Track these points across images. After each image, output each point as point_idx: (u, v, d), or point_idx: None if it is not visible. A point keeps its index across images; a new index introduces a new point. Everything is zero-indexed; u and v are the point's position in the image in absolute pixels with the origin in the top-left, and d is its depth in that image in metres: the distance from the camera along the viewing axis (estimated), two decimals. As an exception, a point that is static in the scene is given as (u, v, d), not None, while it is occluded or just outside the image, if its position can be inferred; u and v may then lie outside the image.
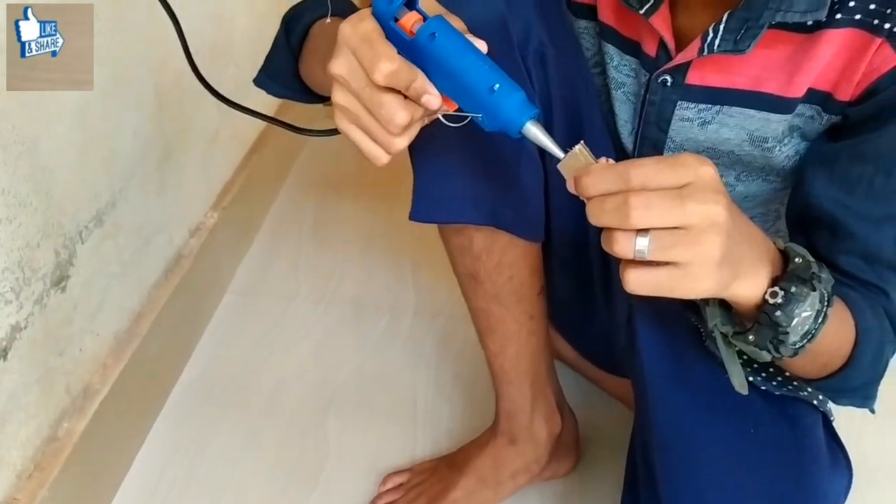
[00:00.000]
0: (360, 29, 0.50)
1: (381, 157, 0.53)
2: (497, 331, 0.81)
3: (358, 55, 0.50)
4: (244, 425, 0.97)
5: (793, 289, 0.52)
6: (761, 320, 0.54)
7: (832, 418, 0.75)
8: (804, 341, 0.55)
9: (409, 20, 0.50)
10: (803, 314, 0.53)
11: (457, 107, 0.51)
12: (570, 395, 0.93)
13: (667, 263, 0.47)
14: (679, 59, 0.65)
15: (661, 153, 0.70)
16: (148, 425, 0.95)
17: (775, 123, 0.65)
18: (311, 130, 0.64)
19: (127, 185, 0.89)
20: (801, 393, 0.73)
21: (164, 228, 0.99)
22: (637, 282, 0.49)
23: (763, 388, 0.73)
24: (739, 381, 0.60)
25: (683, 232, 0.46)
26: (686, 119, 0.68)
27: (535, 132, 0.49)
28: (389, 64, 0.49)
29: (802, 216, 0.67)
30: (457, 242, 0.76)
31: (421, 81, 0.49)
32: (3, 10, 0.52)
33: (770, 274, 0.53)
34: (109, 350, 0.88)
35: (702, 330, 0.77)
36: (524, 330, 0.81)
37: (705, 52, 0.63)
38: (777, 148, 0.66)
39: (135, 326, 0.92)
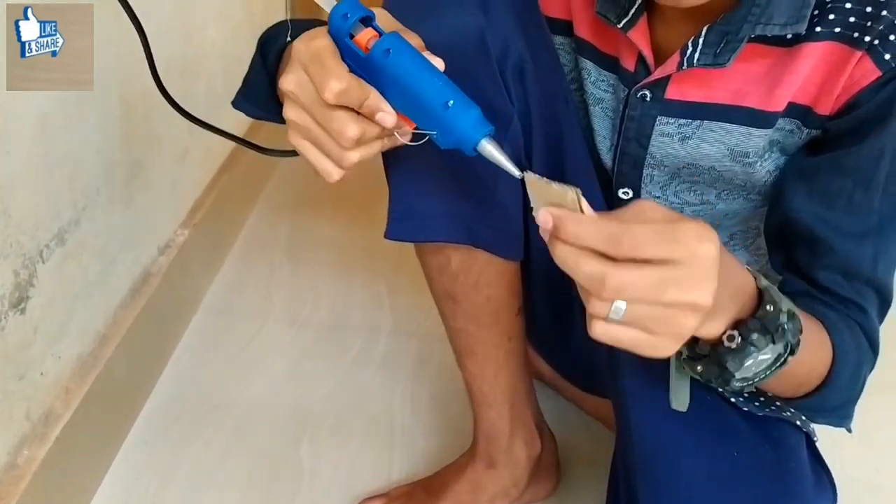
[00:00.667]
0: (312, 46, 0.49)
1: (333, 173, 0.52)
2: (476, 352, 0.79)
3: (309, 73, 0.49)
4: (213, 451, 0.94)
5: (752, 336, 0.51)
6: (712, 358, 0.53)
7: (815, 439, 0.74)
8: (750, 383, 0.54)
9: (365, 37, 0.49)
10: (756, 362, 0.52)
11: (415, 125, 0.51)
12: (548, 415, 0.91)
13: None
14: (658, 73, 0.64)
15: (642, 168, 0.69)
16: (113, 453, 0.91)
17: (756, 138, 0.64)
18: (276, 151, 0.63)
19: (92, 203, 0.86)
20: (784, 413, 0.72)
21: (131, 246, 0.97)
22: (603, 334, 0.47)
23: (745, 409, 0.72)
24: (679, 400, 0.59)
25: (662, 309, 0.44)
26: (666, 134, 0.67)
27: (490, 150, 0.48)
28: (338, 83, 0.48)
29: (782, 231, 0.66)
30: (434, 262, 0.75)
31: (374, 99, 0.49)
32: (3, 10, 0.52)
33: (735, 314, 0.52)
34: (72, 373, 0.85)
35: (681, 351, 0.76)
36: (503, 351, 0.79)
37: (685, 66, 0.62)
38: (758, 163, 0.66)
39: (99, 349, 0.89)
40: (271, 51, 0.64)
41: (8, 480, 0.74)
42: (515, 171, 0.49)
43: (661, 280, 0.44)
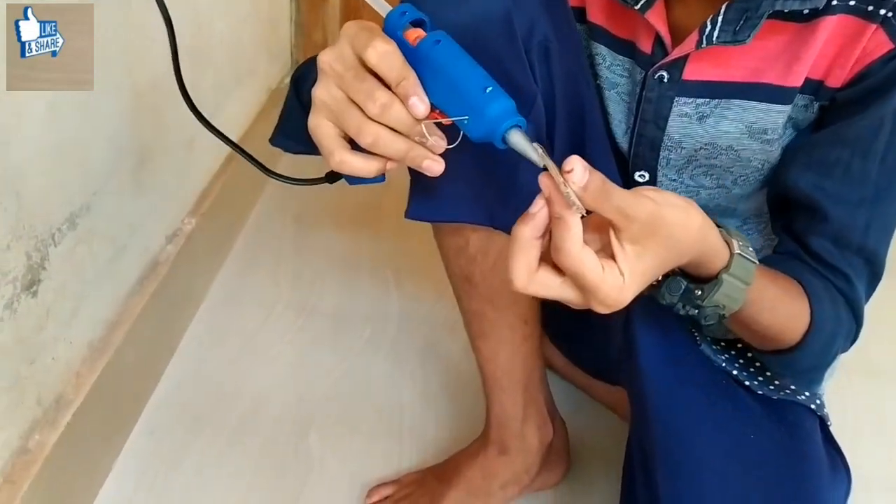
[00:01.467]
0: (363, 23, 0.49)
1: (336, 152, 0.51)
2: (490, 335, 0.79)
3: (355, 41, 0.49)
4: (222, 438, 0.94)
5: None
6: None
7: (829, 423, 0.74)
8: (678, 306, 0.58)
9: (414, 34, 0.50)
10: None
11: (447, 120, 0.50)
12: (560, 404, 0.91)
13: None
14: (676, 52, 0.64)
15: (658, 151, 0.69)
16: (122, 439, 0.91)
17: (774, 114, 0.65)
18: (275, 174, 0.65)
19: (102, 189, 0.85)
20: (799, 397, 0.72)
21: (139, 234, 0.96)
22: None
23: (760, 392, 0.72)
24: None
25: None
26: (684, 115, 0.67)
27: (520, 139, 0.48)
28: (385, 44, 0.48)
29: (781, 198, 0.68)
30: (452, 243, 0.74)
31: (413, 82, 0.48)
32: (3, 10, 0.52)
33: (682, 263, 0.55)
34: (83, 359, 0.84)
35: (696, 334, 0.76)
36: (518, 335, 0.79)
37: (704, 45, 0.62)
38: (776, 141, 0.66)
39: (109, 335, 0.89)
40: (305, 85, 0.64)
41: (20, 465, 0.74)
42: (542, 164, 0.48)
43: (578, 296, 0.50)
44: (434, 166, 0.51)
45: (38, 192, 0.74)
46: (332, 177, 0.60)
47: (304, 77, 0.65)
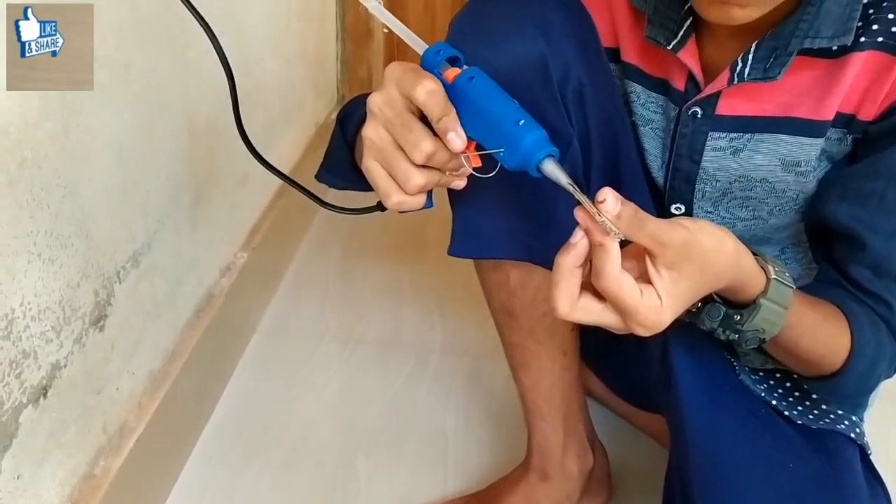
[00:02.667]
0: (406, 65, 0.53)
1: (393, 195, 0.55)
2: (531, 366, 0.81)
3: (401, 83, 0.53)
4: (274, 465, 0.97)
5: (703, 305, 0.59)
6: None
7: (869, 452, 0.74)
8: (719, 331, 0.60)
9: (451, 73, 0.54)
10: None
11: (480, 164, 0.55)
12: (600, 432, 0.92)
13: None
14: (709, 90, 0.66)
15: (694, 184, 0.72)
16: (181, 465, 0.95)
17: (807, 147, 0.66)
18: (329, 204, 0.69)
19: (161, 227, 0.90)
20: (839, 426, 0.72)
21: (195, 268, 1.01)
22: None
23: (800, 422, 0.73)
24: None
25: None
26: (718, 149, 0.69)
27: (553, 168, 0.51)
28: (432, 83, 0.52)
29: (819, 229, 0.69)
30: (493, 278, 0.77)
31: (451, 118, 0.52)
32: (3, 10, 0.53)
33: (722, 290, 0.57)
34: (144, 389, 0.89)
35: (735, 364, 0.77)
36: (557, 365, 0.81)
37: (735, 82, 0.64)
38: (811, 173, 0.68)
39: (168, 365, 0.93)
40: (350, 124, 0.68)
41: (86, 489, 0.78)
42: (576, 193, 0.51)
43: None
44: (458, 183, 0.58)
45: (104, 232, 0.79)
46: (382, 205, 0.64)
47: (349, 115, 0.68)
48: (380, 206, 0.65)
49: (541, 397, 0.83)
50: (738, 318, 0.59)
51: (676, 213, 0.74)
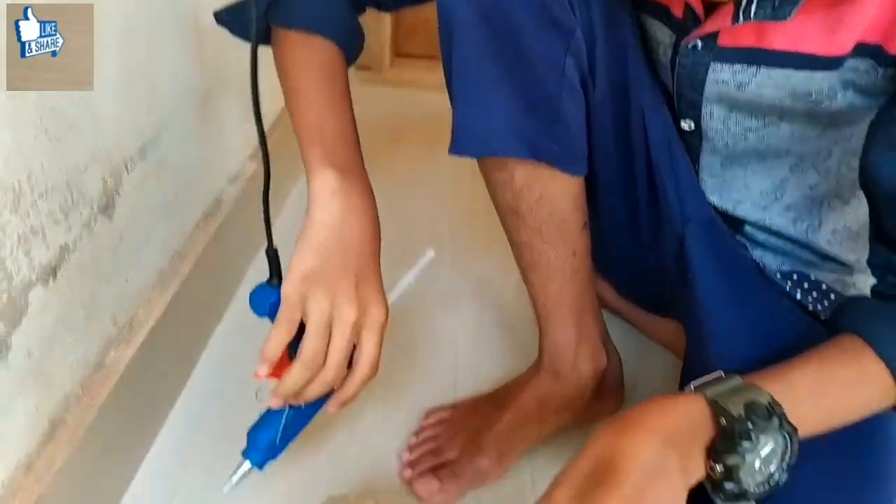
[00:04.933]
0: None
1: None
2: (540, 266, 0.80)
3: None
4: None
5: (727, 458, 0.54)
6: (722, 491, 0.55)
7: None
8: (781, 468, 0.55)
9: None
10: (759, 462, 0.54)
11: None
12: (613, 341, 0.91)
13: None
14: (710, 26, 0.62)
15: (700, 109, 0.69)
16: (191, 364, 0.95)
17: (820, 80, 0.61)
18: None
19: (169, 123, 0.89)
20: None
21: (204, 172, 1.00)
22: None
23: (824, 317, 0.72)
24: None
25: None
26: (721, 81, 0.66)
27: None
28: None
29: (870, 194, 0.64)
30: (497, 177, 0.76)
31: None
32: (3, 10, 0.52)
33: (706, 443, 0.55)
34: (153, 285, 0.88)
35: (757, 262, 0.76)
36: (567, 266, 0.80)
37: (741, 20, 0.60)
38: (825, 102, 0.63)
39: (177, 265, 0.93)
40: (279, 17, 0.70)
41: (97, 379, 0.78)
42: None
43: None
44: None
45: (111, 117, 0.77)
46: None
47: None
48: None
49: (551, 299, 0.82)
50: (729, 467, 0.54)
51: (686, 128, 0.72)
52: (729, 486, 0.54)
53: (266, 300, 0.66)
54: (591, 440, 0.55)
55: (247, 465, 0.68)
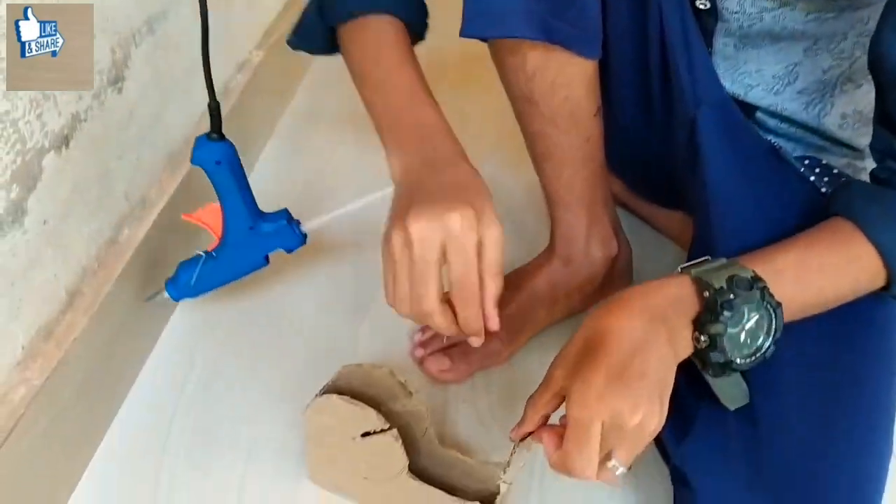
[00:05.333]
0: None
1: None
2: (553, 154, 0.79)
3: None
4: (293, 258, 0.97)
5: (710, 327, 0.57)
6: (709, 362, 0.58)
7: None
8: (769, 341, 0.58)
9: None
10: (744, 333, 0.57)
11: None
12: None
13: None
14: None
15: None
16: (202, 245, 0.95)
17: None
18: None
19: (176, 2, 0.86)
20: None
21: (211, 58, 0.97)
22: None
23: None
24: (732, 401, 0.63)
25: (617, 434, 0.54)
26: None
27: None
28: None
29: (877, 78, 0.63)
30: (510, 62, 0.74)
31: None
32: (3, 10, 0.52)
33: (691, 317, 0.58)
34: (164, 166, 0.88)
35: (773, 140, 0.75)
36: (580, 153, 0.79)
37: None
38: None
39: (186, 147, 0.91)
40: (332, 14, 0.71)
41: (112, 253, 0.78)
42: None
43: (574, 455, 0.55)
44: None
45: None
46: None
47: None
48: None
49: (563, 186, 0.82)
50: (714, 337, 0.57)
51: (702, 7, 0.71)
52: (714, 355, 0.57)
53: (207, 154, 0.70)
54: (583, 322, 0.58)
55: (164, 293, 0.75)
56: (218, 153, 0.69)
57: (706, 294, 0.57)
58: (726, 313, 0.56)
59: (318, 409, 0.67)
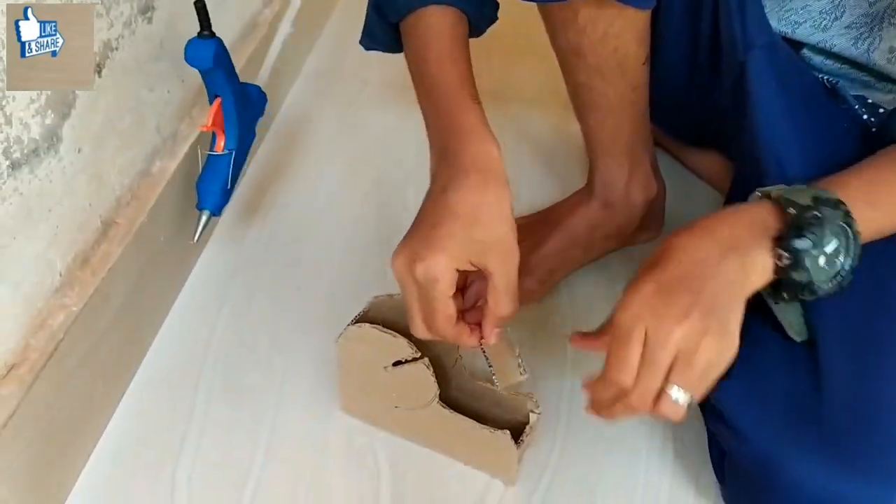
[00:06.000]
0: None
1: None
2: (598, 105, 0.78)
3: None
4: (324, 193, 0.97)
5: (794, 242, 0.54)
6: (788, 284, 0.55)
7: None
8: (847, 266, 0.55)
9: None
10: (825, 257, 0.54)
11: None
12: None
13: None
14: None
15: None
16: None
17: None
18: None
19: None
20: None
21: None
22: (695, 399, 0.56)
23: None
24: (796, 331, 0.61)
25: (683, 369, 0.53)
26: None
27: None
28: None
29: None
30: (560, 16, 0.72)
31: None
32: (3, 10, 0.51)
33: (770, 238, 0.55)
34: (194, 100, 0.87)
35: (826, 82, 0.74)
36: (626, 101, 0.77)
37: None
38: None
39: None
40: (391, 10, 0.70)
41: (145, 184, 0.79)
42: None
43: (650, 370, 0.53)
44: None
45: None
46: None
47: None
48: None
49: (607, 135, 0.81)
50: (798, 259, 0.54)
51: None
52: (796, 275, 0.54)
53: (203, 51, 0.71)
54: (662, 242, 0.57)
55: (205, 215, 0.76)
56: (213, 50, 0.72)
57: (791, 211, 0.55)
58: (814, 229, 0.54)
59: (350, 338, 0.67)
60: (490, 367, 0.63)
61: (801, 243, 0.54)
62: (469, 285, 0.63)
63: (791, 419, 0.60)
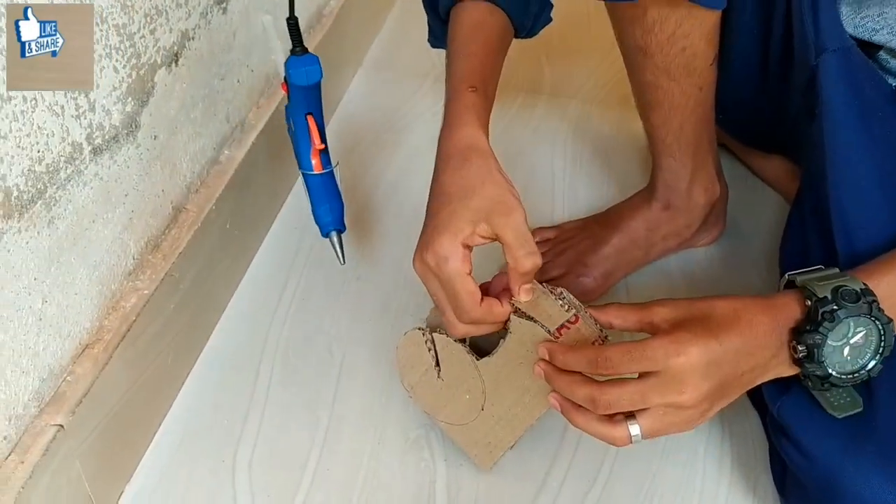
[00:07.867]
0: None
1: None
2: (663, 104, 0.77)
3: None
4: (383, 187, 0.98)
5: (808, 338, 0.54)
6: (809, 376, 0.56)
7: None
8: (867, 369, 0.56)
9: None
10: (847, 348, 0.55)
11: None
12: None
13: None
14: None
15: None
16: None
17: None
18: None
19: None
20: None
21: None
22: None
23: None
24: (837, 411, 0.59)
25: (659, 412, 0.54)
26: None
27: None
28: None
29: None
30: (628, 14, 0.71)
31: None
32: (3, 10, 0.51)
33: (790, 334, 0.56)
34: (261, 90, 0.89)
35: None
36: (692, 101, 0.76)
37: None
38: None
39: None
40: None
41: (214, 173, 0.80)
42: None
43: (640, 391, 0.53)
44: None
45: None
46: None
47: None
48: None
49: (671, 135, 0.80)
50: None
51: None
52: (811, 367, 0.55)
53: (311, 67, 0.69)
54: (712, 298, 0.57)
55: (335, 235, 0.75)
56: (319, 67, 0.69)
57: (808, 303, 0.56)
58: (827, 324, 0.54)
59: (407, 342, 0.67)
60: (535, 321, 0.61)
61: (814, 338, 0.54)
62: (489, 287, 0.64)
63: (854, 433, 0.59)
